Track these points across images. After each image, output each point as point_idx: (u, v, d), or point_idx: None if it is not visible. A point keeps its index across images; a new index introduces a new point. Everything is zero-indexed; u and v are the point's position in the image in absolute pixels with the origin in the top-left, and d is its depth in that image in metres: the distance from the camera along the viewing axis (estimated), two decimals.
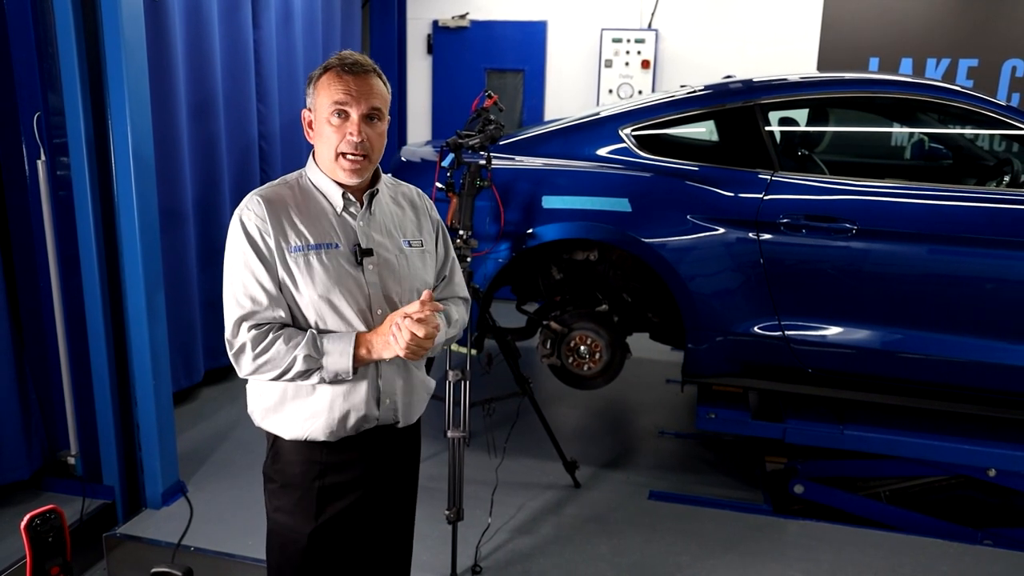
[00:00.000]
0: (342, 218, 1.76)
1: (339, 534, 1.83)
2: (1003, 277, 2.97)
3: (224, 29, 4.12)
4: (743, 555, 2.93)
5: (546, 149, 3.42)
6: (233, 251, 1.74)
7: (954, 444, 3.13)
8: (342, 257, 1.74)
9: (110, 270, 2.99)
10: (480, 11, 6.22)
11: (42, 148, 2.94)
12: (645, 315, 3.54)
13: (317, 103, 1.73)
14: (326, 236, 1.74)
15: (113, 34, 2.77)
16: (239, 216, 1.74)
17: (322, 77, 1.72)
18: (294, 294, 1.72)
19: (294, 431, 1.78)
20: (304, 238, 1.72)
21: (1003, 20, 5.33)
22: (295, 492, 1.81)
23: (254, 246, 1.70)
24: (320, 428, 1.77)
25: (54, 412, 3.21)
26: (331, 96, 1.69)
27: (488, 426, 3.69)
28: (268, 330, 1.70)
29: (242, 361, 1.72)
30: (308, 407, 1.76)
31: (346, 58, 1.72)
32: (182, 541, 2.87)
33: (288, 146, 4.78)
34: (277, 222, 1.72)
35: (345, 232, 1.76)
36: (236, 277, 1.72)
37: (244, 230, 1.72)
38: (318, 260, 1.71)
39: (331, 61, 1.74)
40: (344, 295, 1.72)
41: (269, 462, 1.86)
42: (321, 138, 1.74)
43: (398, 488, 1.94)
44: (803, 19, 5.66)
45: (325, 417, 1.76)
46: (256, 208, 1.72)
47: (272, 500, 1.86)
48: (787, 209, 3.06)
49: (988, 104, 3.13)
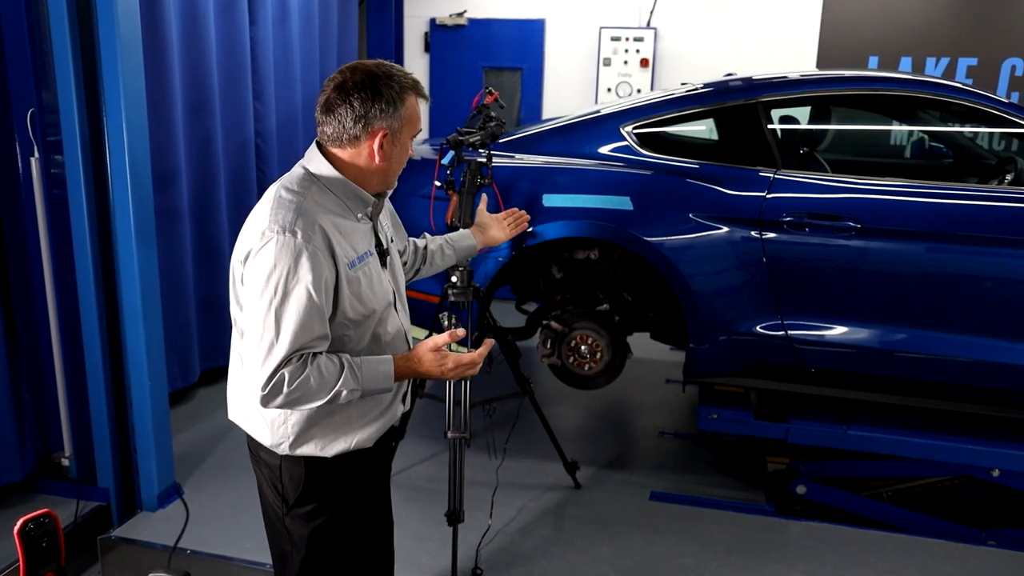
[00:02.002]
0: (361, 222, 1.74)
1: (339, 537, 1.84)
2: (1008, 276, 2.95)
3: (220, 26, 4.08)
4: (746, 556, 2.91)
5: (546, 147, 3.39)
6: (288, 279, 1.55)
7: (958, 444, 3.11)
8: (376, 262, 1.75)
9: (105, 269, 2.95)
10: (478, 9, 6.19)
11: (36, 146, 2.91)
12: (646, 314, 3.51)
13: (404, 125, 1.66)
14: (364, 244, 1.73)
15: (108, 29, 2.73)
16: (298, 242, 1.56)
17: (408, 100, 1.65)
18: (353, 310, 1.67)
19: (339, 445, 1.74)
20: (353, 250, 1.67)
21: (1002, 19, 5.32)
22: (335, 504, 1.81)
23: (317, 275, 1.57)
24: (368, 433, 1.78)
25: (48, 413, 3.17)
26: (417, 121, 1.69)
27: (488, 427, 3.65)
28: (306, 361, 1.60)
29: (276, 397, 1.59)
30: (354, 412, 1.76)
31: (417, 81, 1.69)
32: (178, 544, 2.84)
33: (284, 145, 4.74)
34: (326, 241, 1.60)
35: (369, 237, 1.76)
36: (295, 308, 1.56)
37: (307, 256, 1.56)
38: (363, 272, 1.70)
39: (406, 79, 1.66)
40: (381, 299, 1.74)
41: (301, 491, 1.77)
42: (397, 161, 1.71)
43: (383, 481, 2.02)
44: (802, 18, 5.64)
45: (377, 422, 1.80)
46: (313, 233, 1.58)
47: (308, 523, 1.80)
48: (790, 207, 3.03)
49: (990, 101, 3.11)
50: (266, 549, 1.95)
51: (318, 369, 1.60)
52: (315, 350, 1.61)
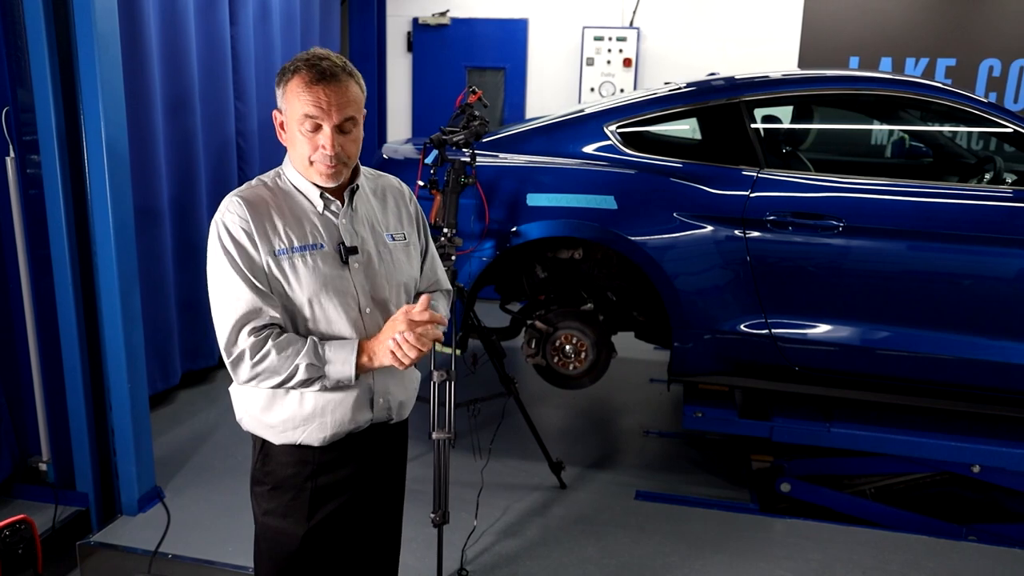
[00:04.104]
0: (324, 217, 1.72)
1: (332, 534, 1.80)
2: (987, 274, 2.98)
3: (200, 24, 4.03)
4: (731, 554, 2.91)
5: (530, 146, 3.38)
6: (218, 256, 1.65)
7: (939, 441, 3.14)
8: (328, 257, 1.69)
9: (83, 271, 2.91)
10: (460, 8, 6.17)
11: (11, 144, 2.86)
12: (630, 314, 3.51)
13: (287, 108, 1.66)
14: (309, 237, 1.69)
15: (85, 26, 2.68)
16: (221, 220, 1.66)
17: (291, 81, 1.63)
18: (284, 297, 1.67)
19: (286, 437, 1.74)
20: (288, 240, 1.67)
21: (980, 20, 5.39)
22: (287, 494, 1.77)
23: (240, 249, 1.63)
24: (313, 434, 1.73)
25: (25, 417, 3.12)
26: (301, 106, 1.61)
27: (473, 427, 3.64)
28: (267, 336, 1.63)
29: (240, 369, 1.64)
30: (300, 413, 1.72)
31: (315, 62, 1.62)
32: (159, 548, 2.80)
33: (266, 144, 4.70)
34: (260, 225, 1.65)
35: (328, 231, 1.71)
36: (225, 282, 1.64)
37: (229, 233, 1.64)
38: (303, 262, 1.67)
39: (299, 62, 1.64)
40: (332, 296, 1.68)
41: (258, 465, 1.81)
42: (293, 143, 1.68)
43: (388, 484, 1.93)
44: (784, 18, 5.68)
45: (318, 423, 1.72)
46: (238, 210, 1.66)
47: (261, 503, 1.80)
48: (774, 206, 3.04)
49: (969, 101, 3.14)
50: (249, 553, 1.92)
51: (280, 344, 1.62)
52: (270, 323, 1.64)
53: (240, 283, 1.63)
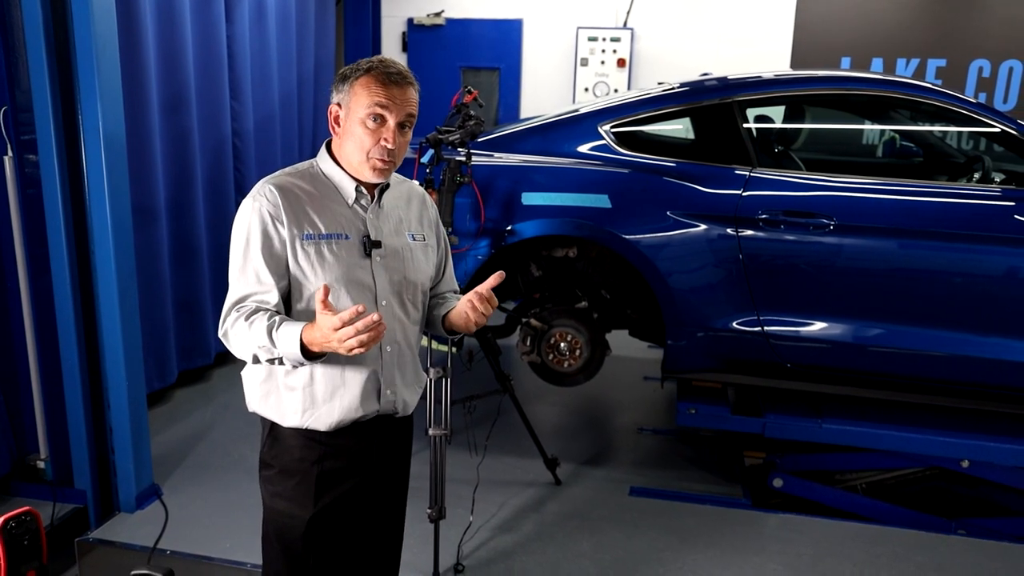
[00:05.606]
0: (353, 209, 1.79)
1: (337, 520, 1.84)
2: (976, 271, 3.02)
3: (196, 24, 4.04)
4: (724, 549, 2.95)
5: (525, 146, 3.41)
6: (241, 234, 1.73)
7: (929, 436, 3.18)
8: (352, 248, 1.76)
9: (81, 270, 2.92)
10: (455, 9, 6.20)
11: (9, 144, 2.87)
12: (624, 312, 3.54)
13: (352, 102, 1.72)
14: (338, 227, 1.75)
15: (83, 26, 2.70)
16: (252, 202, 1.73)
17: (362, 78, 1.71)
18: (304, 283, 1.73)
19: (292, 421, 1.79)
20: (316, 227, 1.73)
21: (970, 22, 5.44)
22: (294, 477, 1.81)
23: (264, 234, 1.71)
24: (321, 419, 1.78)
25: (23, 415, 3.13)
26: (372, 99, 1.69)
27: (469, 424, 3.67)
28: (255, 309, 1.69)
29: (221, 329, 1.73)
30: (306, 399, 1.77)
31: (389, 65, 1.73)
32: (157, 545, 2.82)
33: (262, 144, 4.72)
34: (291, 210, 1.72)
35: (355, 223, 1.78)
36: (240, 259, 1.73)
37: (257, 216, 1.71)
38: (328, 249, 1.73)
39: (372, 62, 1.73)
40: (352, 286, 1.74)
41: (266, 448, 1.85)
42: (352, 137, 1.74)
43: (393, 475, 1.97)
44: (776, 19, 5.72)
45: (325, 408, 1.77)
46: (270, 195, 1.72)
47: (269, 486, 1.85)
48: (766, 205, 3.08)
49: (959, 101, 3.18)
50: (247, 548, 1.94)
51: (249, 315, 1.68)
52: (257, 298, 1.70)
53: (251, 265, 1.71)
